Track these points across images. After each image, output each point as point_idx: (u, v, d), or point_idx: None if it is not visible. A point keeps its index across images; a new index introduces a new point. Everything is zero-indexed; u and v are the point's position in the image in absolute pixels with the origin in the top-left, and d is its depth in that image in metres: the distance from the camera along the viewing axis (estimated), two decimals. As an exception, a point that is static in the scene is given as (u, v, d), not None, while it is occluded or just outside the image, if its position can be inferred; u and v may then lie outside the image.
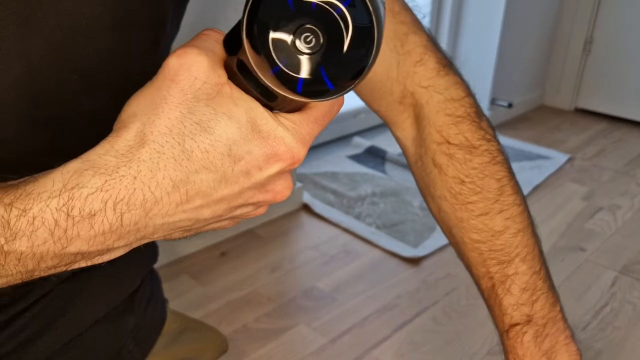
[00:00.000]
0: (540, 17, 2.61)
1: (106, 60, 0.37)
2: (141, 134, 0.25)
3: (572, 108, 2.81)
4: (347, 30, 0.23)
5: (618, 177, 2.09)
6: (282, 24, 0.23)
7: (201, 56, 0.26)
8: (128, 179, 0.25)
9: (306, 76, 0.24)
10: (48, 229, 0.24)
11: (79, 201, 0.24)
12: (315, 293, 1.42)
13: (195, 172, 0.25)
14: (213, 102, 0.26)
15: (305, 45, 0.23)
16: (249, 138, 0.26)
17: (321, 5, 0.23)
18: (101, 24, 0.36)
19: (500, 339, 0.48)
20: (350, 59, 0.23)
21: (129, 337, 0.53)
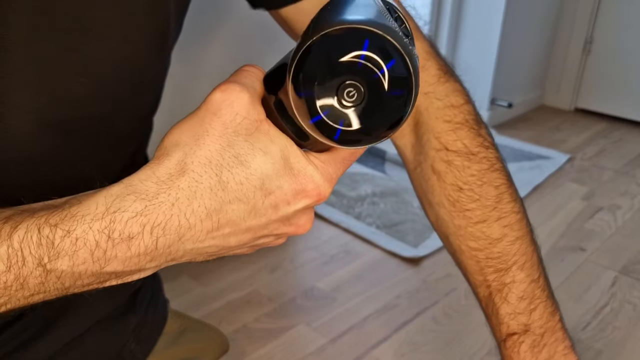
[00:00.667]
0: (540, 18, 2.61)
1: (113, 63, 0.38)
2: (182, 162, 0.27)
3: (572, 108, 2.81)
4: (388, 88, 0.24)
5: (618, 177, 2.09)
6: (328, 78, 0.24)
7: (243, 93, 0.28)
8: (166, 205, 0.26)
9: (345, 128, 0.25)
10: (89, 249, 0.26)
11: (119, 224, 0.26)
12: (315, 293, 1.42)
13: (229, 202, 0.27)
14: (251, 138, 0.28)
15: (347, 100, 0.25)
16: (281, 174, 0.28)
17: (366, 65, 0.24)
18: (109, 27, 0.36)
19: (498, 349, 0.48)
20: (388, 111, 0.25)
21: (130, 337, 0.53)
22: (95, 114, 0.39)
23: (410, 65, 0.24)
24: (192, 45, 1.36)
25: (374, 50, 0.24)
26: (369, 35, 0.24)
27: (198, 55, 1.38)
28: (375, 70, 0.24)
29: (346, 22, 0.24)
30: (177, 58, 0.49)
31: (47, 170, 0.38)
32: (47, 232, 0.25)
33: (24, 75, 0.34)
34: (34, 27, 0.33)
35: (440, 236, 0.50)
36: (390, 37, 0.24)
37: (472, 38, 2.44)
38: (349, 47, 0.24)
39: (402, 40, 0.24)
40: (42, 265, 0.25)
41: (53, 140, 0.38)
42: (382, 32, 0.24)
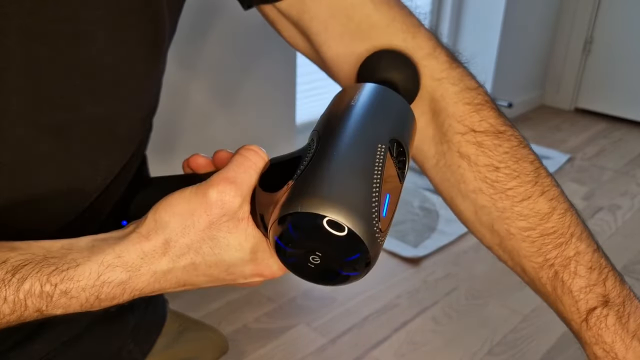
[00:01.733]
0: (540, 17, 2.61)
1: (109, 65, 0.38)
2: (166, 245, 0.32)
3: (572, 108, 2.81)
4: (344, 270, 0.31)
5: (618, 177, 2.09)
6: (298, 247, 0.30)
7: (236, 198, 0.32)
8: (146, 277, 0.32)
9: (296, 270, 0.31)
10: (80, 304, 0.31)
11: (107, 289, 0.31)
12: (315, 293, 1.42)
13: (196, 276, 0.33)
14: (230, 235, 0.32)
15: (311, 262, 0.30)
16: (246, 263, 0.33)
17: (330, 251, 0.29)
18: (100, 27, 0.36)
19: (578, 335, 0.42)
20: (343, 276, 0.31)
21: (128, 337, 0.53)
22: (91, 116, 0.38)
23: (370, 260, 0.30)
24: (188, 44, 1.36)
25: (336, 244, 0.29)
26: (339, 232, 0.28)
27: (194, 54, 1.38)
28: (337, 257, 0.29)
29: (324, 212, 0.28)
30: (173, 57, 0.48)
31: (41, 173, 0.38)
32: (47, 289, 0.30)
33: (17, 78, 0.34)
34: (27, 30, 0.33)
35: (479, 231, 0.47)
36: (363, 238, 0.28)
37: (472, 38, 2.44)
38: (320, 237, 0.29)
39: (372, 236, 0.29)
40: (40, 312, 0.31)
41: (48, 144, 0.37)
42: (355, 232, 0.28)
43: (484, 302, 1.41)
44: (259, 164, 0.33)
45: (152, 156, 0.57)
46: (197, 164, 0.40)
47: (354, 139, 0.32)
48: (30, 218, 0.40)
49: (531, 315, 1.36)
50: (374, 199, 0.29)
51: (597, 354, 0.41)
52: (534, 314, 1.37)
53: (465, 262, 1.55)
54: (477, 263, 1.55)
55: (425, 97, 0.46)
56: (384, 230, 0.30)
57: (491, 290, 1.45)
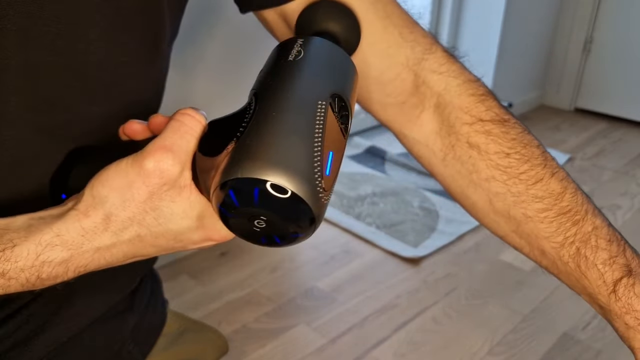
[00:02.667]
0: (540, 17, 2.61)
1: (106, 66, 0.38)
2: (107, 220, 0.30)
3: (572, 108, 2.81)
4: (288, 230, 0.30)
5: (618, 177, 2.09)
6: (241, 212, 0.29)
7: (174, 166, 0.30)
8: (89, 253, 0.31)
9: (243, 235, 0.31)
10: (20, 284, 0.30)
11: (48, 268, 0.30)
12: (315, 293, 1.42)
13: (144, 248, 0.32)
14: (173, 204, 0.31)
15: (256, 226, 0.29)
16: (193, 230, 0.32)
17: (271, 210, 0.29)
18: (99, 30, 0.36)
19: (606, 308, 0.43)
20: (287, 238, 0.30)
21: (128, 337, 0.53)
22: (88, 116, 0.38)
23: (315, 213, 0.28)
24: (191, 44, 1.36)
25: (241, 194, 0.28)
26: (234, 183, 0.28)
27: (197, 53, 1.38)
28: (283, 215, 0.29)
29: (259, 173, 0.28)
30: (176, 56, 0.48)
31: (38, 173, 0.38)
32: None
33: (16, 79, 0.34)
34: (25, 32, 0.33)
35: (494, 219, 0.46)
36: (297, 187, 0.28)
37: (472, 38, 2.44)
38: (258, 197, 0.28)
39: (312, 187, 0.28)
40: None
41: (45, 143, 0.37)
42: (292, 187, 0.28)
43: (484, 302, 1.41)
44: (196, 128, 0.32)
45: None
46: (133, 131, 0.37)
47: (292, 97, 0.31)
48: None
49: (531, 315, 1.36)
50: (316, 159, 0.29)
51: (629, 323, 0.42)
52: (534, 314, 1.37)
53: (465, 262, 1.56)
54: (477, 263, 1.55)
55: (427, 93, 0.46)
56: (327, 190, 0.29)
57: (491, 290, 1.45)
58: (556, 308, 1.38)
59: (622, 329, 0.42)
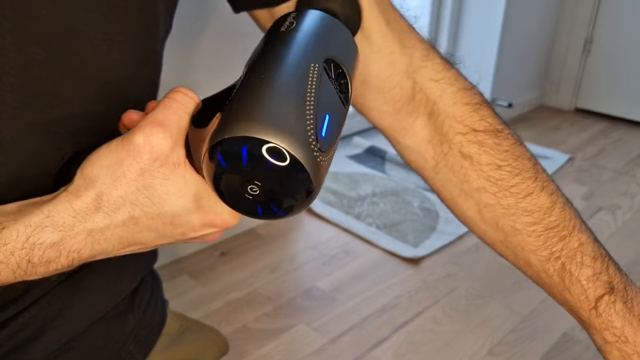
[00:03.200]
0: (540, 17, 2.61)
1: (102, 64, 0.38)
2: (98, 199, 0.29)
3: (572, 108, 2.81)
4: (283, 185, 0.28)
5: (618, 177, 2.09)
6: (234, 175, 0.28)
7: (166, 140, 0.29)
8: (82, 236, 0.29)
9: (240, 207, 0.29)
10: (12, 270, 0.29)
11: (39, 251, 0.29)
12: (315, 293, 1.42)
13: (140, 232, 0.30)
14: (167, 182, 0.30)
15: (249, 192, 0.28)
16: (191, 212, 0.31)
17: (265, 170, 0.27)
18: (95, 27, 0.36)
19: (587, 322, 0.44)
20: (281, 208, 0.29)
21: (129, 337, 0.53)
22: (84, 114, 0.38)
23: (314, 178, 0.27)
24: (184, 40, 1.36)
25: (228, 154, 0.27)
26: (268, 146, 0.27)
27: (191, 49, 1.38)
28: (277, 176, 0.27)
29: (251, 131, 0.27)
30: (170, 53, 0.48)
31: (33, 171, 0.38)
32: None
33: (12, 77, 0.34)
34: (22, 30, 0.33)
35: (482, 228, 0.47)
36: (288, 145, 0.27)
37: (472, 38, 2.44)
38: (250, 157, 0.27)
39: (303, 140, 0.27)
40: None
41: (40, 141, 0.37)
42: (283, 145, 0.26)
43: (484, 302, 1.41)
44: (189, 105, 0.31)
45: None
46: (131, 120, 0.36)
47: (282, 61, 0.30)
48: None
49: (531, 315, 1.36)
50: (309, 118, 0.28)
51: (607, 339, 0.43)
52: (534, 314, 1.37)
53: (465, 262, 1.56)
54: (477, 263, 1.55)
55: (423, 100, 0.46)
56: (325, 151, 0.28)
57: (491, 290, 1.45)
58: (556, 308, 1.37)
59: (600, 342, 0.44)
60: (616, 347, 0.43)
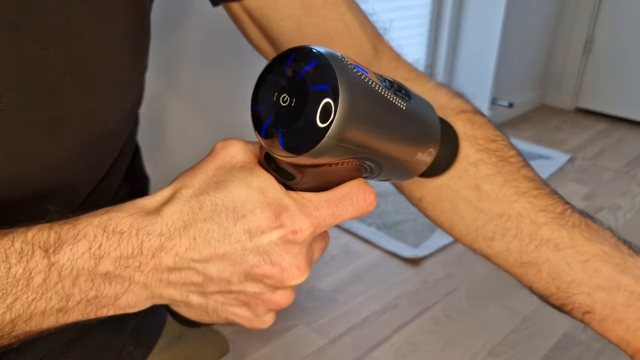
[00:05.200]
0: (541, 17, 2.61)
1: (95, 57, 0.38)
2: (174, 190, 0.30)
3: (573, 108, 2.81)
4: (310, 84, 0.26)
5: (619, 177, 2.09)
6: (266, 92, 0.27)
7: (239, 142, 0.31)
8: (152, 216, 0.29)
9: (285, 129, 0.27)
10: (88, 241, 0.28)
11: (114, 221, 0.28)
12: (315, 293, 1.42)
13: (203, 220, 0.29)
14: (234, 170, 0.30)
15: (283, 104, 0.27)
16: (254, 201, 0.29)
17: (293, 74, 0.27)
18: (87, 20, 0.36)
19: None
20: (313, 105, 0.26)
21: (129, 338, 0.52)
22: (82, 110, 0.39)
23: (333, 65, 0.26)
24: (176, 41, 1.36)
25: (296, 60, 0.26)
26: (294, 50, 0.27)
27: (178, 47, 1.38)
28: (299, 74, 0.26)
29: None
30: (156, 51, 0.48)
31: (35, 170, 0.38)
32: (56, 228, 0.28)
33: (8, 75, 0.34)
34: (16, 26, 0.33)
35: (480, 208, 0.45)
36: (314, 49, 0.26)
37: (472, 38, 2.44)
38: (279, 63, 0.27)
39: (333, 56, 0.26)
40: (47, 257, 0.27)
41: (41, 140, 0.37)
42: (307, 48, 0.26)
43: (485, 302, 1.41)
44: None
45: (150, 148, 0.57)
46: None
47: None
48: (27, 215, 0.40)
49: (532, 315, 1.36)
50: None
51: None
52: (535, 314, 1.37)
53: (466, 263, 1.55)
54: (477, 263, 1.55)
55: None
56: (355, 63, 0.27)
57: (492, 291, 1.45)
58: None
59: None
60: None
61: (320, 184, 0.31)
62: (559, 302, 0.43)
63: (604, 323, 0.41)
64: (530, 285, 0.44)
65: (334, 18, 0.44)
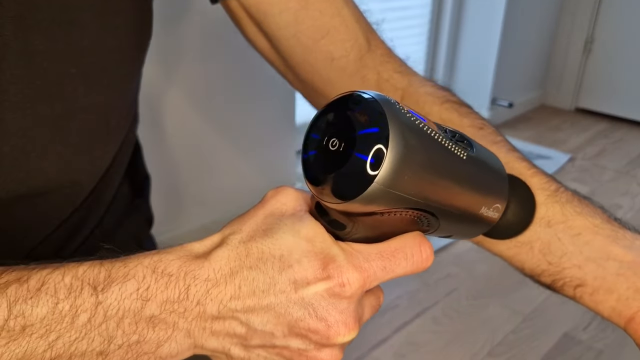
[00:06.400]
0: (541, 17, 2.61)
1: (100, 51, 0.38)
2: (224, 236, 0.29)
3: (573, 108, 2.81)
4: (359, 127, 0.25)
5: (619, 177, 2.09)
6: (317, 135, 0.27)
7: (291, 189, 0.31)
8: (200, 260, 0.28)
9: (334, 174, 0.26)
10: (137, 282, 0.27)
11: (163, 263, 0.28)
12: (315, 293, 1.42)
13: (249, 267, 0.28)
14: (284, 217, 0.29)
15: (331, 148, 0.26)
16: (301, 250, 0.28)
17: (344, 122, 0.26)
18: (91, 14, 0.36)
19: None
20: (362, 148, 0.25)
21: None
22: (86, 105, 0.39)
23: (384, 109, 0.25)
24: (183, 44, 1.36)
25: (347, 104, 0.26)
26: (345, 96, 0.26)
27: (176, 43, 1.38)
28: (351, 125, 0.25)
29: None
30: (155, 47, 0.48)
31: (41, 164, 0.39)
32: (107, 265, 0.28)
33: (14, 68, 0.34)
34: (22, 20, 0.34)
35: None
36: (365, 94, 0.26)
37: (472, 38, 2.43)
38: (329, 109, 0.27)
39: (386, 100, 0.25)
40: (96, 294, 0.27)
41: (46, 134, 0.38)
42: (363, 95, 0.25)
43: (485, 302, 1.41)
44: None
45: (149, 146, 0.56)
46: None
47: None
48: (32, 210, 0.40)
49: (531, 315, 1.36)
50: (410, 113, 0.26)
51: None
52: (535, 314, 1.37)
53: (466, 263, 1.55)
54: (477, 263, 1.55)
55: (389, 90, 0.48)
56: (414, 112, 0.26)
57: (491, 291, 1.45)
58: (557, 308, 1.37)
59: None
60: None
61: (373, 235, 0.30)
62: (550, 278, 0.42)
63: (596, 295, 0.40)
64: (522, 266, 0.44)
65: (331, 12, 0.45)
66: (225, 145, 1.53)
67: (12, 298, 0.26)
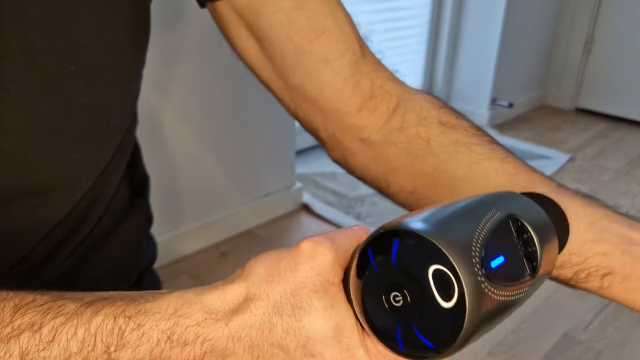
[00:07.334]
0: (541, 17, 2.61)
1: (100, 49, 0.38)
2: (248, 294, 0.28)
3: (573, 108, 2.81)
4: (437, 299, 0.24)
5: (619, 177, 2.09)
6: (378, 279, 0.26)
7: (329, 253, 0.28)
8: (220, 325, 0.27)
9: (379, 327, 0.26)
10: (150, 346, 0.27)
11: (180, 328, 0.27)
12: (315, 293, 1.42)
13: (271, 344, 0.28)
14: (315, 295, 0.28)
15: (394, 302, 0.25)
16: (327, 341, 0.27)
17: (416, 276, 0.24)
18: (90, 12, 0.36)
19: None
20: (437, 326, 0.24)
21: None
22: (86, 103, 0.39)
23: (465, 285, 0.23)
24: (185, 45, 1.36)
25: (403, 246, 0.24)
26: (393, 232, 0.25)
27: (175, 44, 1.38)
28: (425, 281, 0.24)
29: (409, 228, 0.24)
30: (154, 48, 0.48)
31: (40, 162, 0.39)
32: (121, 322, 0.27)
33: (14, 66, 0.34)
34: (22, 17, 0.34)
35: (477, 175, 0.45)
36: (448, 251, 0.24)
37: (472, 38, 2.44)
38: (377, 253, 0.25)
39: (461, 257, 0.24)
40: (108, 354, 0.26)
41: (46, 132, 0.38)
42: (443, 247, 0.24)
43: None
44: (362, 235, 0.31)
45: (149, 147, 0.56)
46: None
47: (465, 201, 0.28)
48: (31, 208, 0.40)
49: (532, 315, 1.36)
50: (475, 239, 0.25)
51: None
52: (535, 314, 1.36)
53: (466, 263, 1.55)
54: (477, 263, 1.55)
55: (383, 96, 0.47)
56: (493, 281, 0.25)
57: (492, 291, 1.45)
58: (557, 308, 1.37)
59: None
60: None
61: None
62: (573, 269, 0.40)
63: (627, 282, 0.38)
64: None
65: (325, 13, 0.44)
66: (225, 145, 1.53)
67: (24, 346, 0.26)
